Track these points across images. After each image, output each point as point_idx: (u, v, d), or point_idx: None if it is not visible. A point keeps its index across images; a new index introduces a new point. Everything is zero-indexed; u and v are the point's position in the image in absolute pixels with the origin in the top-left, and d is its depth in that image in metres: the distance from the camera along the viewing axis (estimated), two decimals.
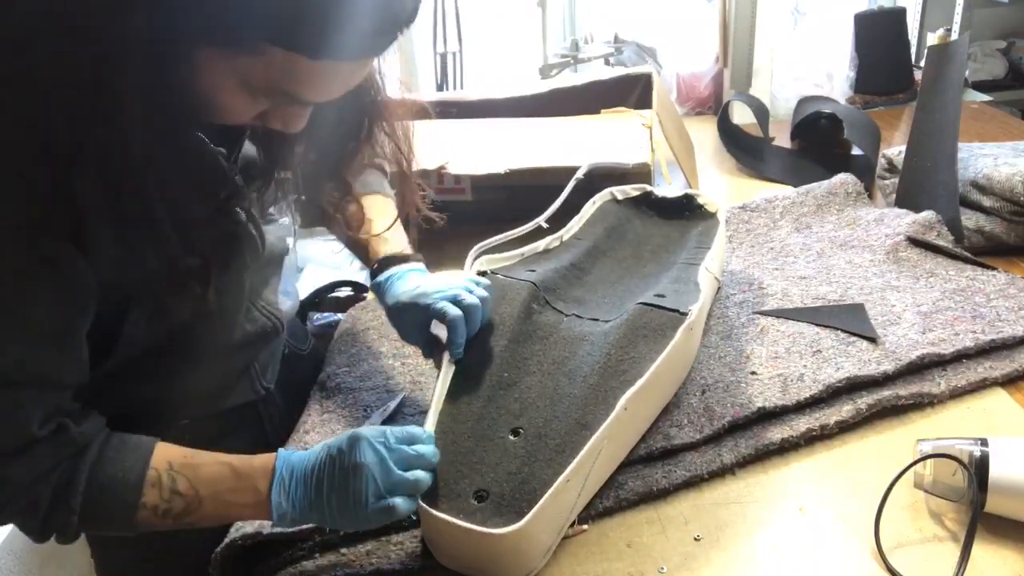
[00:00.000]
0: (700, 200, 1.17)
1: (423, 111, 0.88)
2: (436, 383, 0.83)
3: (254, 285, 0.86)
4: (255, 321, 0.87)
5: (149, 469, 0.69)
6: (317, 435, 0.93)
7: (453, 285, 0.87)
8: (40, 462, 0.65)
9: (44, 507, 0.66)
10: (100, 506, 0.67)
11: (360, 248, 0.97)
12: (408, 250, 0.95)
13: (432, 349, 0.89)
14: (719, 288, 1.13)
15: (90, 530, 0.74)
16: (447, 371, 0.84)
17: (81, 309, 0.65)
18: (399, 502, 0.69)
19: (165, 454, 0.70)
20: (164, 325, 0.74)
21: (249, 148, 0.79)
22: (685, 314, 0.88)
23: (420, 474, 0.71)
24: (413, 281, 0.89)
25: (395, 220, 0.96)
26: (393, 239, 0.95)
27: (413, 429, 0.74)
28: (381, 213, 0.97)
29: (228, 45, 0.58)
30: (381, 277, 0.92)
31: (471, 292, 0.86)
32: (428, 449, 0.73)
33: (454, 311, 0.83)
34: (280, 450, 0.73)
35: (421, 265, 0.94)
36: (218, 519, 0.72)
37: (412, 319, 0.87)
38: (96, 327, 0.67)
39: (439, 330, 0.87)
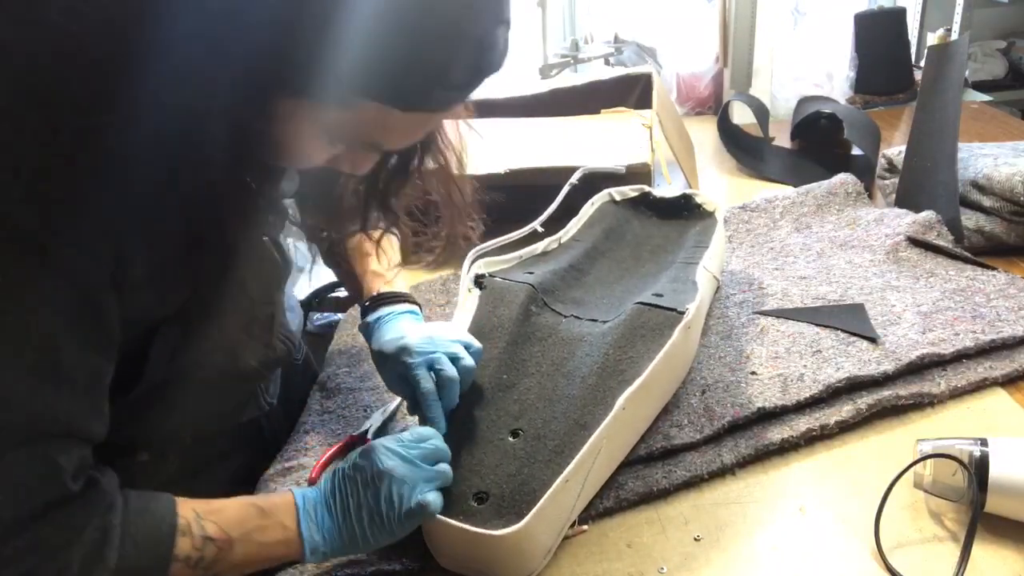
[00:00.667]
0: (698, 200, 1.17)
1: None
2: None
3: (274, 311, 0.84)
4: (274, 348, 0.85)
5: (178, 518, 0.64)
6: (317, 435, 0.93)
7: (439, 346, 0.82)
8: (73, 521, 0.59)
9: (75, 572, 0.59)
10: (133, 562, 0.62)
11: (352, 280, 0.93)
12: (402, 287, 0.92)
13: (416, 407, 0.83)
14: (718, 288, 1.13)
15: None
16: None
17: (110, 357, 0.62)
18: (432, 497, 0.69)
19: (187, 504, 0.66)
20: (189, 357, 0.71)
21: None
22: (682, 313, 0.88)
23: (444, 466, 0.72)
24: (401, 328, 0.85)
25: (395, 262, 0.94)
26: (391, 276, 0.92)
27: (420, 429, 0.74)
28: (382, 249, 0.93)
29: (319, 98, 0.55)
30: (371, 317, 0.88)
31: (458, 359, 0.81)
32: (442, 443, 0.73)
33: (427, 385, 0.79)
34: (292, 489, 0.71)
35: (415, 307, 0.90)
36: (248, 563, 0.68)
37: (394, 372, 0.84)
38: (118, 366, 0.65)
39: None
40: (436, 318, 1.16)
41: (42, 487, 0.58)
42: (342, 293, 1.26)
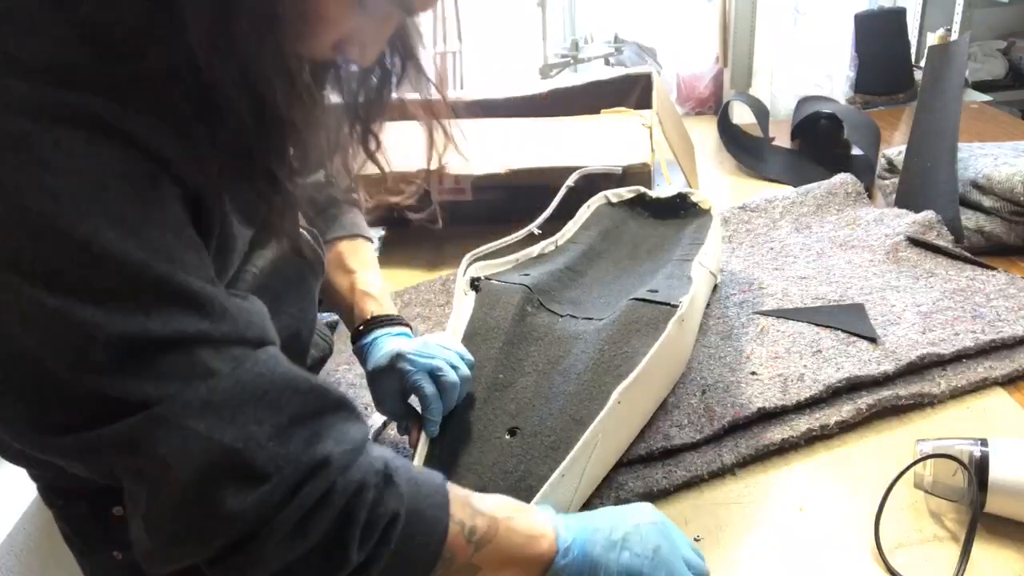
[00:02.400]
0: (694, 198, 1.18)
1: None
2: (412, 460, 0.77)
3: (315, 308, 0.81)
4: (316, 345, 0.83)
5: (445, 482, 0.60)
6: None
7: (436, 355, 0.80)
8: (348, 432, 0.54)
9: (370, 498, 0.53)
10: (418, 511, 0.57)
11: (340, 300, 0.88)
12: (390, 305, 0.89)
13: (407, 424, 0.82)
14: (717, 286, 1.13)
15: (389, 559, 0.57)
16: (422, 449, 0.78)
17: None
18: None
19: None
20: None
21: None
22: (676, 306, 0.89)
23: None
24: (396, 344, 0.82)
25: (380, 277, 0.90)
26: (381, 297, 0.88)
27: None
28: (364, 263, 0.90)
29: None
30: (365, 340, 0.84)
31: (455, 368, 0.80)
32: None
33: (430, 388, 0.78)
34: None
35: (408, 329, 0.87)
36: (507, 555, 0.62)
37: (389, 386, 0.81)
38: None
39: (415, 401, 0.81)
40: (436, 318, 1.16)
41: (292, 390, 0.53)
42: None
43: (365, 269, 0.89)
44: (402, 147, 0.71)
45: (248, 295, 0.56)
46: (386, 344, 0.83)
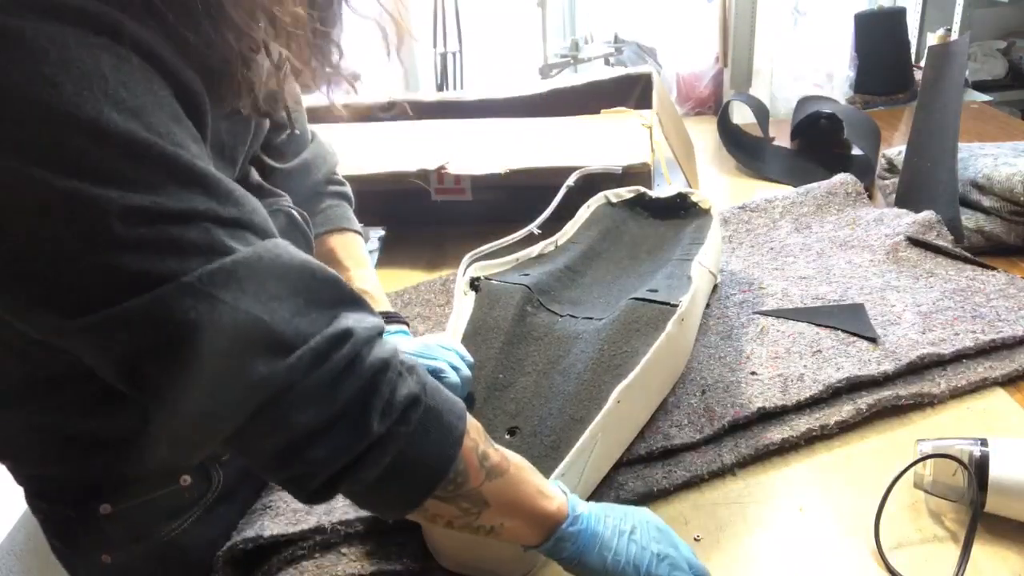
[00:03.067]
0: (694, 198, 1.18)
1: None
2: None
3: None
4: None
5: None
6: None
7: (438, 355, 0.81)
8: (366, 319, 0.55)
9: (393, 377, 0.54)
10: (437, 409, 0.56)
11: None
12: (385, 302, 0.89)
13: None
14: (717, 286, 1.13)
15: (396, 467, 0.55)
16: None
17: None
18: None
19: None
20: None
21: None
22: (676, 306, 0.89)
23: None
24: (396, 343, 0.83)
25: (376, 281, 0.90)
26: (377, 295, 0.89)
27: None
28: (358, 260, 0.90)
29: None
30: None
31: (456, 369, 0.80)
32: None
33: None
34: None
35: (405, 327, 0.88)
36: (513, 501, 0.61)
37: None
38: None
39: None
40: (436, 318, 1.16)
41: (310, 273, 0.53)
42: None
43: (359, 266, 0.90)
44: (367, 150, 0.70)
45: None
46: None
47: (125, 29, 0.48)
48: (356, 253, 0.91)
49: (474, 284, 0.98)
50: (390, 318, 0.86)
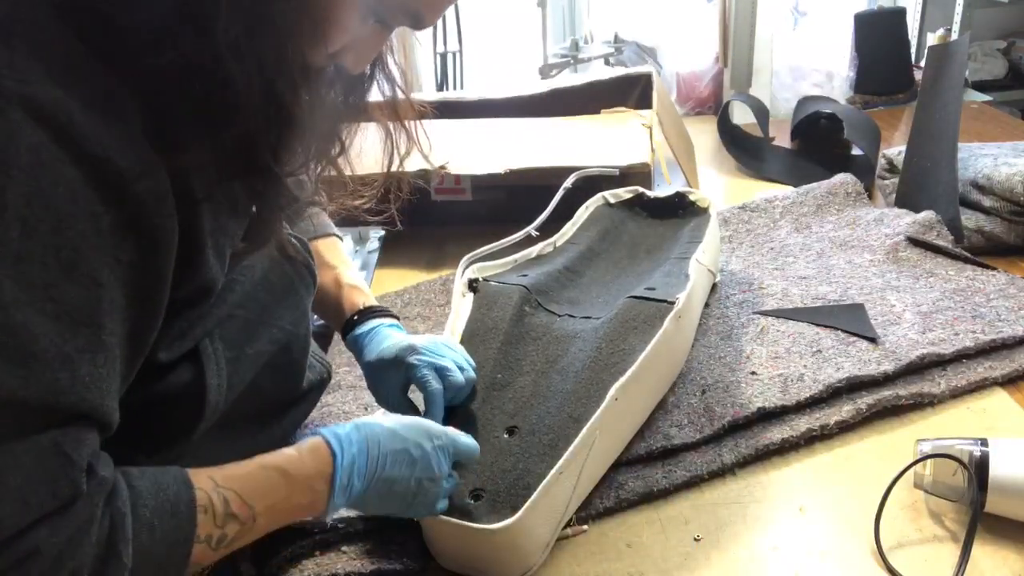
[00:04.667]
0: (692, 197, 1.18)
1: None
2: None
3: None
4: (312, 368, 0.83)
5: (195, 491, 0.56)
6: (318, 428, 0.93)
7: (446, 354, 0.81)
8: (78, 518, 0.50)
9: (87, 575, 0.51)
10: (150, 553, 0.54)
11: (326, 294, 0.87)
12: (372, 299, 0.89)
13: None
14: (716, 286, 1.13)
15: None
16: None
17: (156, 318, 0.55)
18: (443, 506, 0.70)
19: (201, 473, 0.59)
20: (245, 368, 0.69)
21: None
22: (673, 303, 0.89)
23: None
24: (395, 338, 0.83)
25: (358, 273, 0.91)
26: (367, 291, 0.89)
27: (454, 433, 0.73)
28: (343, 261, 0.91)
29: None
30: (361, 329, 0.84)
31: (462, 370, 0.80)
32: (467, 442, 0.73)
33: (436, 385, 0.78)
34: (329, 439, 0.65)
35: (398, 322, 0.88)
36: (265, 532, 0.63)
37: (392, 377, 0.81)
38: (183, 392, 0.62)
39: (415, 396, 0.81)
40: (436, 318, 1.16)
41: (50, 489, 0.49)
42: None
43: (346, 266, 0.91)
44: (362, 150, 0.71)
45: (140, 355, 0.55)
46: (389, 335, 0.83)
47: (76, 129, 0.45)
48: (340, 254, 0.92)
49: (472, 285, 0.98)
50: (385, 312, 0.87)
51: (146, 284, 0.52)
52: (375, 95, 0.70)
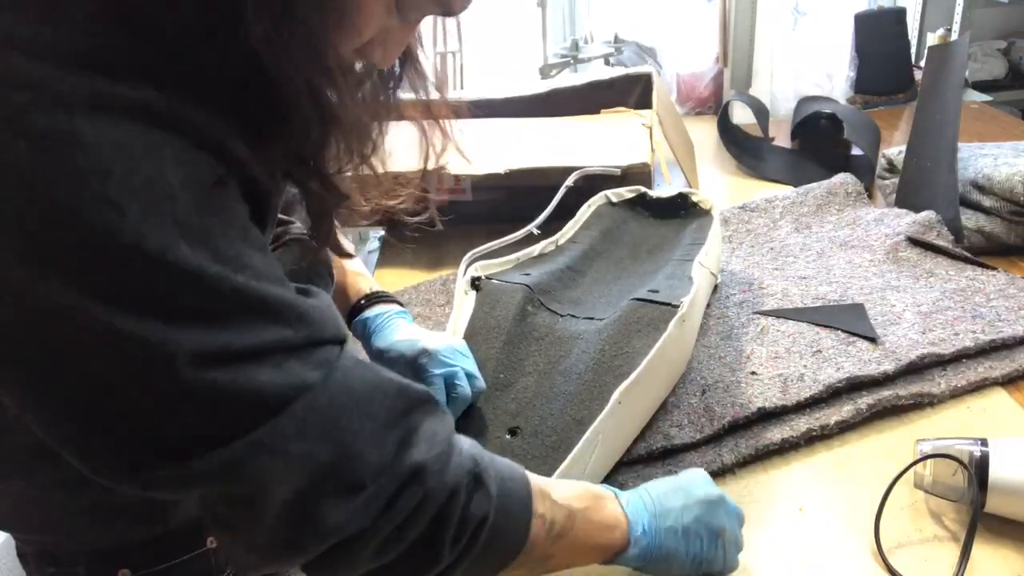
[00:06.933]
0: (694, 198, 1.18)
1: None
2: None
3: None
4: None
5: (525, 472, 0.59)
6: None
7: (459, 361, 0.81)
8: (438, 432, 0.54)
9: (462, 502, 0.53)
10: (508, 499, 0.56)
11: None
12: (379, 288, 0.89)
13: None
14: (717, 286, 1.13)
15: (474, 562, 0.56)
16: None
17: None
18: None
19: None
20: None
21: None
22: (677, 306, 0.89)
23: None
24: (408, 331, 0.83)
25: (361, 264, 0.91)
26: (371, 278, 0.90)
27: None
28: (347, 245, 0.91)
29: None
30: (369, 314, 0.85)
31: (473, 378, 0.81)
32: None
33: (440, 397, 0.78)
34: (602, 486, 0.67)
35: (405, 310, 0.88)
36: (582, 546, 0.62)
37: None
38: None
39: None
40: (436, 318, 1.16)
41: (382, 393, 0.51)
42: None
43: (347, 256, 0.89)
44: (398, 148, 0.70)
45: (310, 287, 0.53)
46: (399, 327, 0.83)
47: (198, 125, 0.44)
48: (345, 240, 0.91)
49: (475, 283, 0.98)
50: (391, 299, 0.87)
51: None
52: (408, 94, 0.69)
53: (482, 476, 0.55)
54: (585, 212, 1.17)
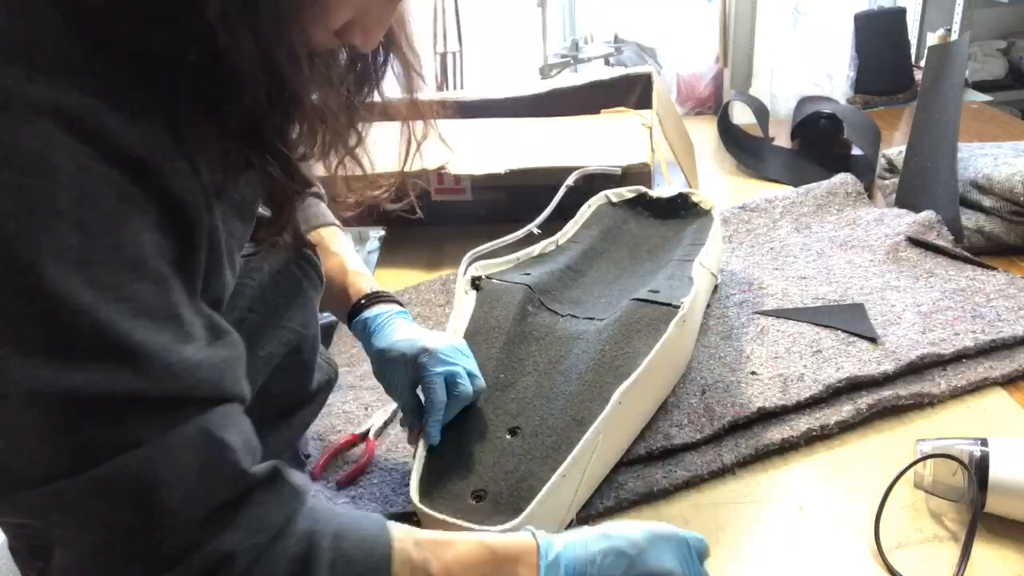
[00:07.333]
0: (695, 198, 1.18)
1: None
2: (412, 460, 0.77)
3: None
4: (321, 368, 0.83)
5: (393, 542, 0.54)
6: (317, 430, 0.93)
7: (460, 360, 0.80)
8: (266, 518, 0.49)
9: None
10: None
11: (330, 281, 0.86)
12: (379, 288, 0.88)
13: (413, 419, 0.79)
14: (717, 287, 1.13)
15: None
16: (422, 448, 0.77)
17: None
18: None
19: (401, 528, 0.56)
20: (257, 372, 0.67)
21: None
22: (677, 307, 0.89)
23: None
24: (408, 331, 0.82)
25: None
26: (371, 278, 0.88)
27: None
28: (347, 249, 0.89)
29: None
30: (369, 314, 0.83)
31: (474, 377, 0.80)
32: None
33: (441, 396, 0.77)
34: (533, 533, 0.61)
35: (405, 310, 0.87)
36: None
37: (403, 373, 0.79)
38: None
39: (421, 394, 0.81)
40: (436, 318, 1.16)
41: (214, 475, 0.48)
42: None
43: (350, 253, 0.90)
44: (381, 140, 0.70)
45: (228, 334, 0.52)
46: (400, 326, 0.82)
47: (108, 132, 0.43)
48: (343, 243, 0.91)
49: (475, 283, 0.98)
50: (391, 299, 0.86)
51: (191, 286, 0.50)
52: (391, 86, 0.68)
53: (312, 565, 0.50)
54: (585, 212, 1.17)
